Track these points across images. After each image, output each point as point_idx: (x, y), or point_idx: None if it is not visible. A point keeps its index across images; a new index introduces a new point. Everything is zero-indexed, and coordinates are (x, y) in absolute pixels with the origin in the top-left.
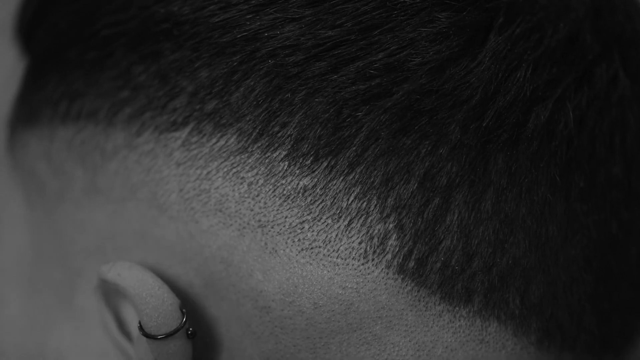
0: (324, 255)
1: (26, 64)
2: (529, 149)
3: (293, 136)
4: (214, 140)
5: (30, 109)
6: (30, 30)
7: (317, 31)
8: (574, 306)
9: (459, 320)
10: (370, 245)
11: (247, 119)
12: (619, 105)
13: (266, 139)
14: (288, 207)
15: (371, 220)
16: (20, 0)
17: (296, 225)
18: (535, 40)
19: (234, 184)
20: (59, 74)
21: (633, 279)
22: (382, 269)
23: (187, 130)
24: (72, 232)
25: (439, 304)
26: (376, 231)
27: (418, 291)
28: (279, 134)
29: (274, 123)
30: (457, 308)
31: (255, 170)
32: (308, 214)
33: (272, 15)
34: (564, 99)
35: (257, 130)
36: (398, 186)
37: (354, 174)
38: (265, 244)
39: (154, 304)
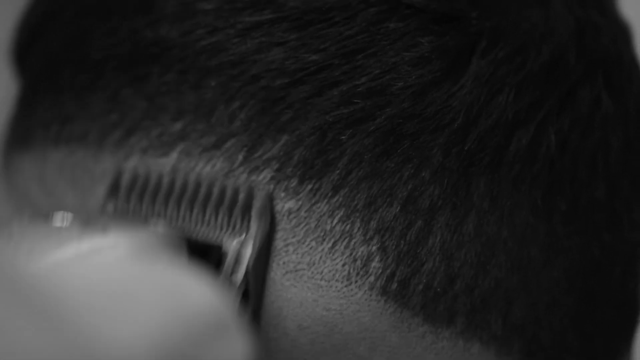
0: (308, 277)
1: (19, 87)
2: (510, 172)
3: (278, 159)
4: (201, 165)
5: (23, 131)
6: (24, 53)
7: (301, 55)
8: (556, 327)
9: (442, 342)
10: (354, 268)
11: (233, 141)
12: (602, 128)
13: (252, 162)
14: (273, 230)
15: (354, 243)
16: (16, 23)
17: (281, 248)
18: (518, 63)
19: None
20: (51, 96)
21: (616, 301)
22: (365, 290)
23: (174, 155)
24: None
25: (422, 326)
26: (359, 253)
27: (401, 312)
28: (265, 157)
29: (259, 146)
30: (439, 329)
31: None
32: (293, 237)
33: (258, 40)
34: (546, 122)
35: (243, 154)
36: (381, 209)
37: (337, 197)
38: None
39: None
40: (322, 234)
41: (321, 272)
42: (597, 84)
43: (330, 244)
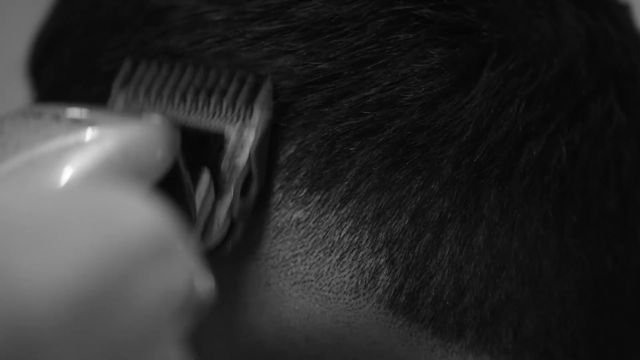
0: (315, 289)
1: (33, 100)
2: (521, 183)
3: (287, 168)
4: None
5: None
6: (38, 67)
7: (310, 62)
8: (568, 340)
9: (451, 355)
10: (362, 280)
11: None
12: (614, 140)
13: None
14: (282, 240)
15: (363, 255)
16: (31, 38)
17: (289, 259)
18: (529, 75)
19: None
20: None
21: (629, 314)
22: (374, 303)
23: None
24: None
25: (431, 339)
26: (367, 265)
27: (409, 326)
28: (273, 166)
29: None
30: (449, 343)
31: None
32: (301, 247)
33: (268, 48)
34: (557, 134)
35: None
36: (390, 221)
37: (346, 208)
38: (259, 277)
39: None
40: (330, 245)
41: (329, 284)
42: (609, 96)
43: (338, 256)
